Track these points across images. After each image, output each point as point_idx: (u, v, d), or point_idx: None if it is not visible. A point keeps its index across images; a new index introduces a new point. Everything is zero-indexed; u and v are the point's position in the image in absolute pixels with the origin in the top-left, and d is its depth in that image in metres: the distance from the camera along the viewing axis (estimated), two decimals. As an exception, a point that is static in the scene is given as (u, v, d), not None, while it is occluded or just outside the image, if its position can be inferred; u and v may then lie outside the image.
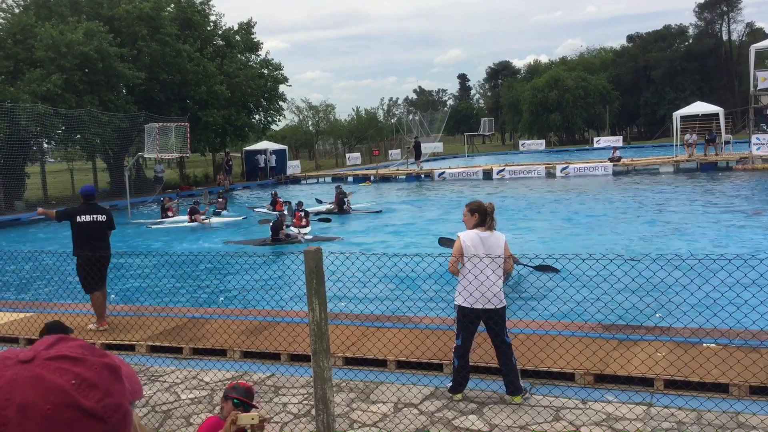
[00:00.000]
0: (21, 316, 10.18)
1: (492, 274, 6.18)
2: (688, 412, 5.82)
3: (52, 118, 30.73)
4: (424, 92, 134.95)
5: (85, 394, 0.92)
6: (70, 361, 0.94)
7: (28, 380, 0.91)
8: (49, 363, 0.93)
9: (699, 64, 77.02)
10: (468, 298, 6.18)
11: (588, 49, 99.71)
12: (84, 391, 0.92)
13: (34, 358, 0.94)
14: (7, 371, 0.92)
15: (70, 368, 0.93)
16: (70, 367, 0.93)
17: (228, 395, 4.30)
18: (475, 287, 6.16)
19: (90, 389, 0.93)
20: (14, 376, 0.91)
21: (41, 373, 0.92)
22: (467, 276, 6.22)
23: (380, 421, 6.09)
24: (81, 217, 9.28)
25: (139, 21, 35.91)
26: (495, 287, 6.18)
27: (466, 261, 6.24)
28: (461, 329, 6.30)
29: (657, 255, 6.95)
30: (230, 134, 44.15)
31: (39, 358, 0.94)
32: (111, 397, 0.95)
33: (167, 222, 24.15)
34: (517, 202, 25.10)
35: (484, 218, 6.35)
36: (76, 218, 9.29)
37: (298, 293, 9.55)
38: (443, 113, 70.80)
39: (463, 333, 6.29)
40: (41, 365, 0.93)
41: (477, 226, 6.37)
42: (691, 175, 33.39)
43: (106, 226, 9.48)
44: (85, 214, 9.32)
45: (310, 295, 4.96)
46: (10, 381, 0.90)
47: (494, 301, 6.18)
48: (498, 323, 6.21)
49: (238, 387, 4.36)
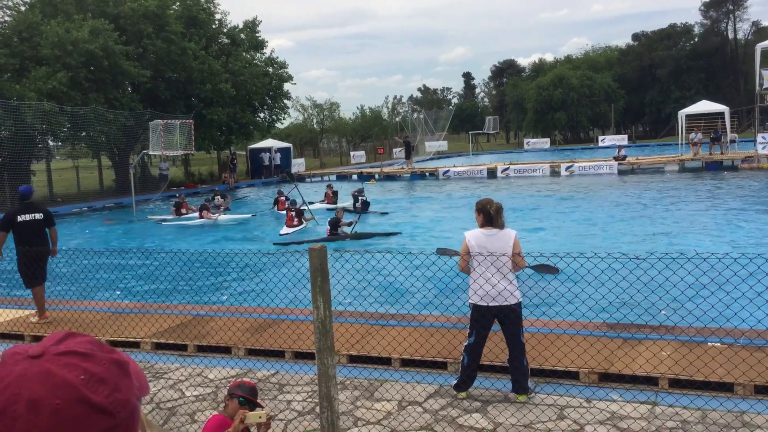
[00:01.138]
0: (26, 313, 10.21)
1: (497, 272, 6.17)
2: (693, 411, 5.81)
3: (58, 116, 30.80)
4: (428, 90, 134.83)
5: (94, 389, 0.92)
6: (80, 356, 0.95)
7: (37, 375, 0.91)
8: (59, 358, 0.94)
9: (704, 63, 76.82)
10: (484, 297, 6.18)
11: (593, 48, 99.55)
12: (93, 386, 0.93)
13: (44, 353, 0.94)
14: (17, 366, 0.92)
15: (79, 364, 0.94)
16: (80, 363, 0.94)
17: (233, 393, 4.31)
18: (480, 285, 6.17)
19: (99, 385, 0.93)
20: (24, 372, 0.91)
21: (50, 368, 0.92)
22: (476, 275, 6.22)
23: (384, 419, 6.10)
24: (21, 217, 9.68)
25: (144, 19, 35.96)
26: (505, 281, 6.17)
27: (473, 260, 6.25)
28: (475, 327, 6.29)
29: (662, 254, 6.94)
30: (235, 132, 44.20)
31: (48, 353, 0.94)
32: (119, 392, 0.95)
33: (182, 220, 24.30)
34: (520, 201, 25.07)
35: (489, 217, 6.35)
36: (16, 218, 9.67)
37: (303, 291, 9.56)
38: (448, 112, 70.83)
39: (477, 331, 6.28)
40: (51, 360, 0.93)
41: (484, 225, 6.38)
42: (696, 174, 33.31)
43: (44, 224, 9.88)
44: (24, 213, 9.73)
45: (315, 292, 4.96)
46: (20, 376, 0.91)
47: (508, 297, 6.16)
48: (513, 321, 6.20)
49: (243, 385, 4.36)
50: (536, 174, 37.11)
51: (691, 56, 77.47)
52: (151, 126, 27.48)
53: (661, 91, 78.34)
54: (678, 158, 37.33)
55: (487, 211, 6.36)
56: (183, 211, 25.20)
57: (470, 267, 6.31)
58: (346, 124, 75.31)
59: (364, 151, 61.67)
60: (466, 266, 6.32)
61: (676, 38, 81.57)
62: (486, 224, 6.36)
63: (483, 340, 6.34)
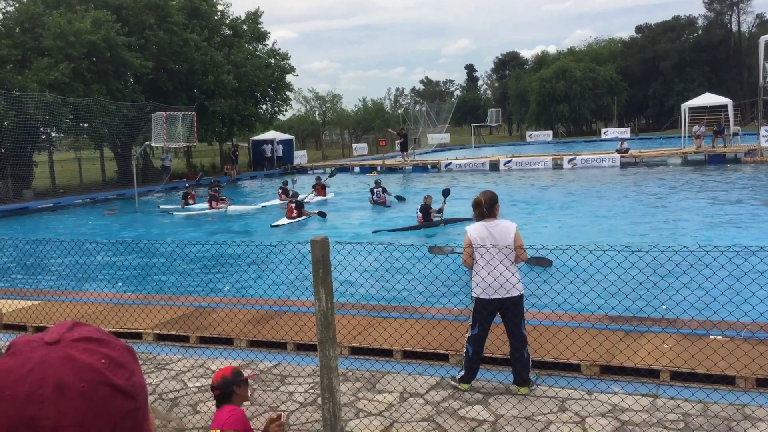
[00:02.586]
0: (29, 304, 10.23)
1: (499, 264, 6.17)
2: (694, 403, 5.81)
3: (60, 107, 30.78)
4: (431, 83, 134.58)
5: (115, 372, 0.94)
6: (96, 342, 0.97)
7: (59, 360, 0.92)
8: (76, 344, 0.95)
9: (708, 56, 76.60)
10: (486, 290, 6.18)
11: (596, 40, 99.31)
12: (114, 369, 0.95)
13: (60, 340, 0.95)
14: (35, 353, 0.93)
15: (97, 349, 0.96)
16: (98, 348, 0.96)
17: (240, 380, 4.32)
18: (482, 277, 6.17)
19: (119, 368, 0.96)
20: (44, 357, 0.93)
21: (71, 353, 0.93)
22: (479, 267, 6.22)
23: (386, 410, 6.11)
24: None
25: (146, 10, 35.88)
26: (507, 273, 6.17)
27: (476, 253, 6.24)
28: (477, 320, 6.29)
29: (664, 246, 6.93)
30: (237, 124, 44.15)
31: (65, 339, 0.96)
32: (136, 376, 0.98)
33: (193, 209, 24.42)
34: (523, 193, 25.04)
35: (483, 210, 6.36)
36: None
37: (305, 282, 9.57)
38: (450, 104, 70.72)
39: (480, 324, 6.29)
40: (69, 346, 0.94)
41: (480, 218, 6.39)
42: (699, 166, 33.24)
43: None
44: None
45: (317, 284, 4.96)
46: (41, 362, 0.92)
47: (510, 290, 6.16)
48: (515, 313, 6.20)
49: (237, 371, 4.38)
50: (539, 167, 37.05)
51: (695, 49, 77.24)
52: (154, 118, 27.47)
53: (664, 83, 78.14)
54: (681, 151, 37.25)
55: (480, 204, 6.37)
56: (190, 201, 25.46)
57: (474, 260, 6.31)
58: (348, 116, 75.25)
59: (366, 143, 61.57)
60: (470, 260, 6.31)
61: (679, 30, 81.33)
62: (483, 217, 6.37)
63: (486, 332, 6.34)
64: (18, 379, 0.91)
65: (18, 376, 0.91)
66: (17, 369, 0.92)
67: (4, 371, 0.93)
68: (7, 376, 0.92)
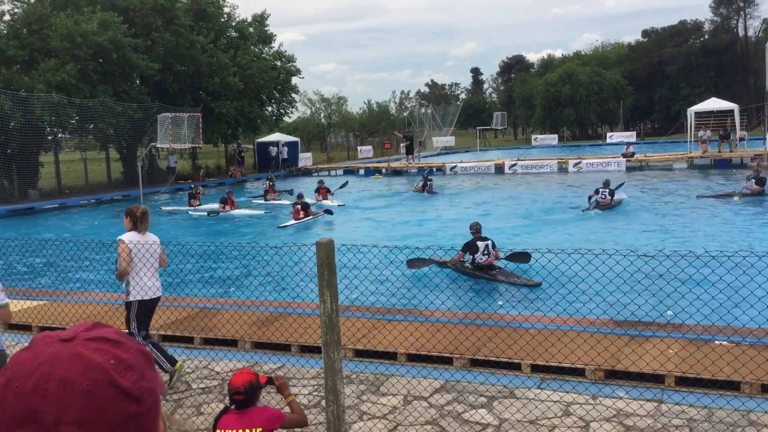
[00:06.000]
0: (34, 304, 10.26)
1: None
2: (699, 409, 5.80)
3: (66, 108, 30.89)
4: (437, 86, 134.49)
5: (122, 374, 0.95)
6: (110, 342, 0.98)
7: (69, 357, 0.94)
8: (89, 343, 0.97)
9: (714, 60, 76.38)
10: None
11: (603, 44, 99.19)
12: (122, 371, 0.96)
13: (75, 337, 0.98)
14: (48, 348, 0.96)
15: (109, 349, 0.97)
16: (110, 348, 0.97)
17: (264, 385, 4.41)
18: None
19: (127, 370, 0.96)
20: (55, 353, 0.95)
21: (82, 351, 0.95)
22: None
23: (390, 413, 6.10)
24: None
25: (153, 12, 36.00)
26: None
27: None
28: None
29: (670, 251, 6.91)
30: (243, 126, 44.25)
31: (79, 338, 0.98)
32: (145, 380, 0.99)
33: (199, 210, 24.50)
34: (529, 197, 25.01)
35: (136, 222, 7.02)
36: None
37: (310, 285, 9.57)
38: (455, 107, 70.63)
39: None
40: (82, 344, 0.96)
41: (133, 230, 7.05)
42: (704, 171, 33.16)
43: None
44: None
45: (322, 286, 4.96)
46: (52, 357, 0.94)
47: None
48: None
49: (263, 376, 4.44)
50: (544, 170, 37.00)
51: (701, 53, 77.03)
52: (159, 119, 27.55)
53: (670, 88, 77.95)
54: (686, 156, 37.15)
55: (133, 215, 7.06)
56: (196, 202, 25.52)
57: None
58: (353, 118, 75.27)
59: (371, 146, 61.57)
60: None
61: (686, 35, 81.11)
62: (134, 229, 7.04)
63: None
64: (28, 372, 0.93)
65: (28, 369, 0.93)
66: (29, 362, 0.94)
67: (17, 363, 0.95)
68: (18, 369, 0.94)
